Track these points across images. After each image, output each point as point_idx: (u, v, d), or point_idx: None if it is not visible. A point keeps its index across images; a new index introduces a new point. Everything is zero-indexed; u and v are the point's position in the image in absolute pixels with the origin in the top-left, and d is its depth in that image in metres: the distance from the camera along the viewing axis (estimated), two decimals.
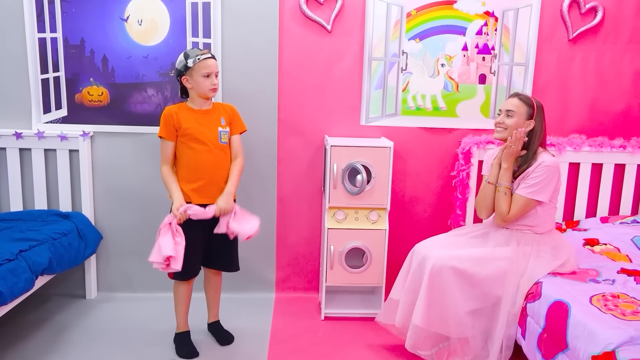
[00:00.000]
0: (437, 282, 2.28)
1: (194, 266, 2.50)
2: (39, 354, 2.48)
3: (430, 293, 2.29)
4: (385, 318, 2.58)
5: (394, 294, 2.53)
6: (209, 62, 2.38)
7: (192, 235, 2.40)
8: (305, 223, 3.17)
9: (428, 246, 2.45)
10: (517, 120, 2.39)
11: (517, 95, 2.44)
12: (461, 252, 2.35)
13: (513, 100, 2.42)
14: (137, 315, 2.89)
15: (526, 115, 2.39)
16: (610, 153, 3.04)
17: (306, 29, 2.97)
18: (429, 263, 2.30)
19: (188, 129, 2.39)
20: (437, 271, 2.27)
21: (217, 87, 2.42)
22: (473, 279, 2.28)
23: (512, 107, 2.40)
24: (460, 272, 2.27)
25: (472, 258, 2.32)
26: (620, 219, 2.99)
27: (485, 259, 2.32)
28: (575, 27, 3.00)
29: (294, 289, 3.24)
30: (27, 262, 2.37)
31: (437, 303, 2.28)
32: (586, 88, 3.08)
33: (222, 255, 2.53)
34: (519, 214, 2.37)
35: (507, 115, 2.41)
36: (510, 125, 2.39)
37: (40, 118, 2.97)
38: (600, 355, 1.72)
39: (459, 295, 2.27)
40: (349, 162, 2.77)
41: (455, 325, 2.29)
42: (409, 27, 2.98)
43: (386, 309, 2.57)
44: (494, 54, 3.02)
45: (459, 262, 2.28)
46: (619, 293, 2.08)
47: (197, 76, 2.37)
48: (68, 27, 2.89)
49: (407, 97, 3.05)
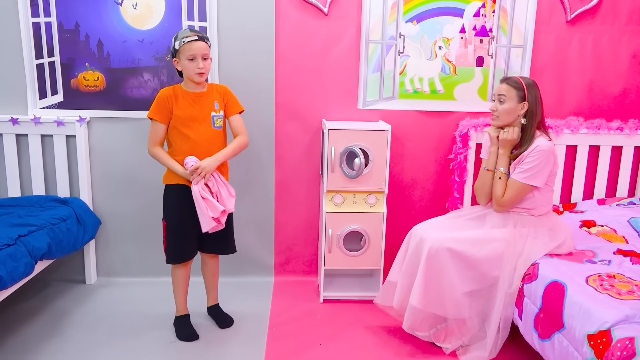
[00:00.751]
0: (434, 263, 2.29)
1: (187, 248, 2.51)
2: (39, 338, 2.50)
3: (427, 274, 2.30)
4: (383, 300, 2.60)
5: (391, 276, 2.55)
6: (193, 45, 2.31)
7: (183, 218, 2.42)
8: (304, 207, 3.18)
9: (425, 228, 2.46)
10: (510, 105, 2.37)
11: (506, 80, 2.41)
12: (458, 234, 2.36)
13: (502, 86, 2.40)
14: (136, 300, 2.91)
15: (517, 99, 2.37)
16: (608, 135, 3.04)
17: (302, 12, 2.94)
18: (426, 245, 2.32)
19: (180, 115, 2.37)
20: (434, 253, 2.29)
21: (203, 71, 2.35)
22: (470, 261, 2.29)
23: (503, 92, 2.38)
24: (457, 253, 2.28)
25: (469, 240, 2.33)
26: (616, 200, 3.01)
27: (482, 240, 2.33)
28: (574, 9, 2.98)
29: (293, 273, 3.25)
30: (27, 247, 2.37)
31: (434, 284, 2.30)
32: (584, 70, 3.07)
33: (216, 238, 2.53)
34: (514, 199, 2.38)
35: (499, 101, 2.40)
36: (503, 110, 2.38)
37: (36, 104, 2.95)
38: (596, 334, 1.74)
39: (456, 277, 2.29)
40: (347, 145, 2.77)
41: (452, 306, 2.31)
42: (406, 9, 2.96)
43: (384, 291, 2.59)
44: (491, 36, 3.00)
45: (456, 244, 2.30)
46: (615, 273, 2.10)
47: (183, 59, 2.34)
48: (62, 12, 2.87)
49: (405, 80, 3.04)
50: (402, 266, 2.48)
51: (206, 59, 2.37)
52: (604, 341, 1.70)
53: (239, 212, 3.12)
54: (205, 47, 2.36)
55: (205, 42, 2.37)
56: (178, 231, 2.45)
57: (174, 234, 2.47)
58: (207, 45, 2.39)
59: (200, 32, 2.40)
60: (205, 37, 2.39)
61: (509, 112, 2.38)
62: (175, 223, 2.46)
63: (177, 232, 2.46)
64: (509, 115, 2.38)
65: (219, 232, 2.48)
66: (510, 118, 2.39)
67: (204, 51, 2.35)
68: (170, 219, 2.47)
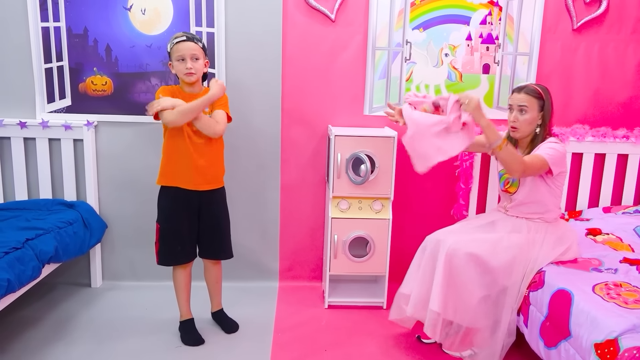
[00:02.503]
0: (453, 265, 2.26)
1: (183, 251, 2.51)
2: (45, 341, 2.51)
3: (445, 278, 2.26)
4: (397, 314, 2.51)
5: (403, 288, 2.49)
6: (181, 45, 2.31)
7: (177, 222, 2.44)
8: (309, 212, 3.18)
9: (440, 233, 2.42)
10: (532, 115, 2.33)
11: (523, 89, 2.35)
12: (476, 236, 2.33)
13: (521, 96, 2.34)
14: (142, 304, 2.91)
15: (538, 108, 2.34)
16: (614, 143, 3.05)
17: (310, 18, 2.96)
18: (444, 247, 2.28)
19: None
20: (452, 253, 2.25)
21: (192, 71, 2.33)
22: (486, 266, 2.26)
23: (524, 102, 2.32)
24: (475, 257, 2.25)
25: (487, 242, 2.29)
26: (622, 209, 3.01)
27: (500, 245, 2.30)
28: (580, 17, 2.99)
29: (298, 278, 3.26)
30: (34, 251, 2.38)
31: (452, 289, 2.26)
32: (590, 78, 3.07)
33: (211, 242, 2.53)
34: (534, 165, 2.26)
35: (520, 111, 2.35)
36: (525, 121, 2.33)
37: (45, 108, 2.97)
38: (603, 343, 1.74)
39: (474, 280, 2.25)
40: (353, 151, 2.78)
41: (468, 313, 2.28)
42: (413, 16, 2.97)
43: (397, 304, 2.51)
44: (497, 44, 3.01)
45: (474, 247, 2.26)
46: (622, 282, 2.09)
47: (174, 60, 2.35)
48: (71, 17, 2.89)
49: (411, 86, 3.05)
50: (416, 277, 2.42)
51: (197, 60, 2.35)
52: (611, 350, 1.70)
53: (245, 216, 3.13)
54: (194, 47, 2.33)
55: (194, 42, 2.35)
56: (171, 235, 2.46)
57: (166, 238, 2.47)
58: (197, 45, 2.35)
59: (190, 34, 2.39)
60: (194, 37, 2.37)
61: (531, 122, 2.35)
62: (168, 228, 2.47)
63: (169, 236, 2.47)
64: (530, 125, 2.35)
65: (213, 236, 2.49)
66: (530, 128, 2.36)
67: (193, 51, 2.33)
68: (164, 223, 2.48)
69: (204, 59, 2.41)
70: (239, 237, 3.15)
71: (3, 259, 2.20)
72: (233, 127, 3.03)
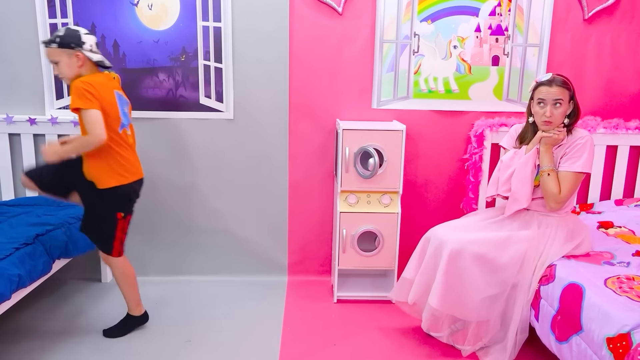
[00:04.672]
0: (456, 266, 2.25)
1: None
2: (56, 336, 2.53)
3: (448, 277, 2.26)
4: (397, 296, 2.55)
5: (407, 273, 2.51)
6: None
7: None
8: (317, 207, 3.18)
9: (444, 231, 2.41)
10: (565, 108, 2.31)
11: (553, 82, 2.29)
12: (480, 235, 2.32)
13: (554, 89, 2.28)
14: (151, 298, 2.92)
15: (569, 99, 2.32)
16: (626, 135, 3.01)
17: (317, 11, 2.94)
18: (447, 247, 2.28)
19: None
20: (455, 255, 2.25)
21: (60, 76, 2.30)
22: (492, 265, 2.25)
23: (559, 96, 2.27)
24: (479, 257, 2.24)
25: (491, 242, 2.28)
26: (635, 201, 2.97)
27: (505, 242, 2.28)
28: (591, 7, 2.94)
29: (307, 272, 3.26)
30: (44, 246, 2.40)
31: (454, 287, 2.26)
32: (601, 69, 3.03)
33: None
34: (571, 191, 2.31)
35: (554, 104, 2.29)
36: (560, 114, 2.30)
37: (53, 104, 2.98)
38: (615, 337, 1.72)
39: (478, 281, 2.25)
40: (361, 145, 2.77)
41: (473, 309, 2.28)
42: (420, 8, 2.94)
43: (399, 287, 2.55)
44: (507, 35, 2.97)
45: (478, 247, 2.26)
46: (634, 275, 2.07)
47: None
48: (79, 13, 2.89)
49: (419, 79, 3.02)
50: (420, 265, 2.44)
51: (57, 63, 2.27)
52: (623, 344, 1.68)
53: (253, 211, 3.13)
54: (48, 53, 2.27)
55: (46, 46, 2.26)
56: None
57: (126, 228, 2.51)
58: (50, 49, 2.25)
59: (48, 38, 2.30)
60: (46, 41, 2.27)
61: (564, 114, 2.32)
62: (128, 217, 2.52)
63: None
64: (563, 116, 2.33)
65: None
66: (562, 119, 2.33)
67: (49, 57, 2.29)
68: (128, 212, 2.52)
69: (67, 57, 2.25)
70: (248, 232, 3.15)
71: (14, 255, 2.22)
72: (241, 122, 3.03)
